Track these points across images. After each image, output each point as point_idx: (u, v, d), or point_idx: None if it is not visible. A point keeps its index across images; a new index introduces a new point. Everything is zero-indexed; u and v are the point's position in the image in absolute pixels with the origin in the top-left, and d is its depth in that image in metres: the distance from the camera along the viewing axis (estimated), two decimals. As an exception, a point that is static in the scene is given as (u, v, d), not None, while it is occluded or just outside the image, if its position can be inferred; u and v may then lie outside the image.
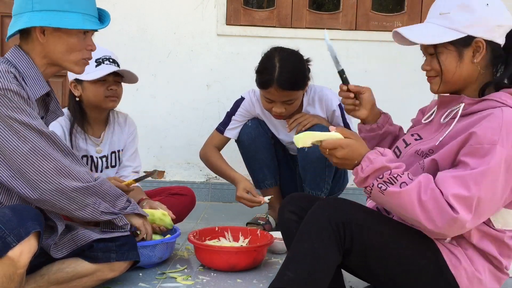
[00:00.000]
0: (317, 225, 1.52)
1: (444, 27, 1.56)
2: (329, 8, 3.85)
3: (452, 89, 1.63)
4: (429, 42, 1.58)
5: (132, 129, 2.56)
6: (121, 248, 1.85)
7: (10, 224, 1.47)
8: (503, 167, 1.44)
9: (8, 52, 1.73)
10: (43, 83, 1.72)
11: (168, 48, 3.50)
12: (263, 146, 2.66)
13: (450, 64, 1.57)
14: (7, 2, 3.58)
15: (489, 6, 1.53)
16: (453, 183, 1.43)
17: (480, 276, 1.55)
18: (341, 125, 2.59)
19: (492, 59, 1.58)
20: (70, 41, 1.71)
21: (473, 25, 1.52)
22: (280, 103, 2.40)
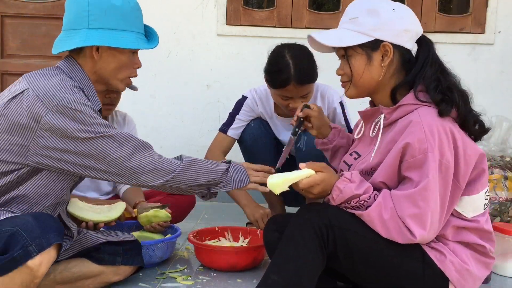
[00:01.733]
0: (300, 228, 1.54)
1: (353, 31, 1.61)
2: (329, 8, 3.85)
3: (364, 93, 1.68)
4: (336, 44, 1.64)
5: (132, 127, 2.56)
6: (127, 252, 1.86)
7: (33, 233, 1.46)
8: (439, 171, 1.50)
9: (62, 62, 1.71)
10: (97, 99, 1.73)
11: (168, 48, 3.50)
12: (265, 147, 2.65)
13: (359, 67, 1.62)
14: (7, 2, 3.59)
15: (396, 11, 1.59)
16: (405, 202, 1.51)
17: (467, 266, 1.57)
18: (342, 123, 2.59)
19: (402, 63, 1.63)
20: (122, 59, 1.72)
21: (379, 29, 1.58)
22: (297, 98, 2.40)
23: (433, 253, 1.57)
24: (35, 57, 3.59)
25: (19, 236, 1.45)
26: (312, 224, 1.53)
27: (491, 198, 2.81)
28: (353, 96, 1.70)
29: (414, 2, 3.46)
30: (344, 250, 1.55)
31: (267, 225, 1.90)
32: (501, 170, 2.87)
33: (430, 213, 1.50)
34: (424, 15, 3.44)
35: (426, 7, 3.44)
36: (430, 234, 1.53)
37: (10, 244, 1.45)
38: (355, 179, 1.56)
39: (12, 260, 1.43)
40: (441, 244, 1.59)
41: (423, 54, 1.63)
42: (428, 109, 1.55)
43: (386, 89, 1.65)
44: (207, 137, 3.14)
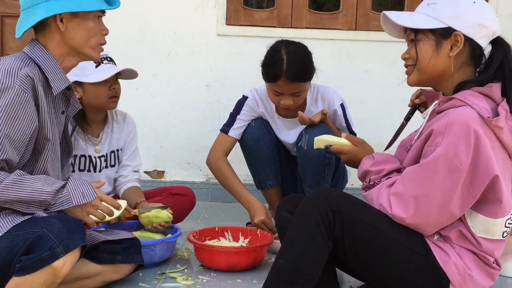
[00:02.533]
0: (307, 213, 1.56)
1: (428, 16, 1.59)
2: (329, 8, 3.85)
3: (427, 81, 1.65)
4: (408, 25, 1.63)
5: (131, 127, 2.55)
6: (126, 250, 1.86)
7: (60, 235, 1.51)
8: (444, 166, 1.49)
9: (27, 46, 1.71)
10: (63, 76, 1.72)
11: (168, 48, 3.50)
12: (266, 147, 2.65)
13: (426, 52, 1.60)
14: (7, 2, 3.59)
15: (476, 4, 1.56)
16: (397, 182, 1.58)
17: (470, 272, 1.56)
18: (343, 125, 2.59)
19: (471, 58, 1.59)
20: (88, 25, 1.72)
21: (455, 17, 1.55)
22: (288, 95, 2.40)
23: (438, 252, 1.57)
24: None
25: (46, 237, 1.49)
26: (319, 209, 1.55)
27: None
28: (414, 83, 1.67)
29: (414, 2, 3.46)
30: (349, 237, 1.56)
31: (281, 204, 1.90)
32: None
33: (413, 198, 1.52)
34: (424, 15, 3.44)
35: (426, 7, 3.44)
36: (414, 220, 1.54)
37: (36, 245, 1.49)
38: (377, 157, 1.72)
39: (40, 260, 1.48)
40: (447, 245, 1.58)
41: (498, 56, 1.58)
42: (471, 112, 1.49)
43: (449, 82, 1.61)
44: (207, 137, 3.14)
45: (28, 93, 1.59)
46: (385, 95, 3.49)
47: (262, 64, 2.43)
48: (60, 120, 1.80)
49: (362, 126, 3.38)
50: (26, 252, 1.50)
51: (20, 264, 1.49)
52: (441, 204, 1.52)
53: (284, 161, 2.76)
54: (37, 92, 1.62)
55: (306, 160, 2.50)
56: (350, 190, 3.20)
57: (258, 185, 2.76)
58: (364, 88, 3.48)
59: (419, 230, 1.57)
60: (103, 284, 1.85)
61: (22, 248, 1.51)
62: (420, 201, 1.52)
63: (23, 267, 1.48)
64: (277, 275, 1.56)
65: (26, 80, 1.59)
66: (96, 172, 2.43)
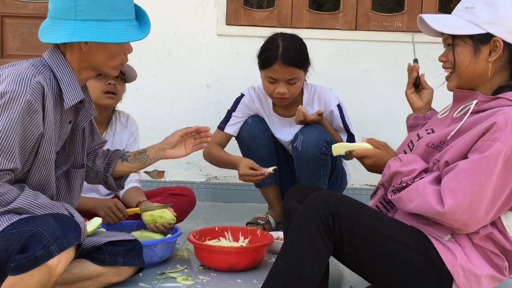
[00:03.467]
0: (307, 216, 1.56)
1: (466, 21, 1.58)
2: (329, 8, 3.85)
3: (466, 85, 1.64)
4: (446, 31, 1.61)
5: (134, 128, 2.56)
6: (128, 253, 1.86)
7: (55, 234, 1.50)
8: (501, 162, 1.46)
9: (47, 52, 1.69)
10: (78, 90, 1.69)
11: (168, 48, 3.49)
12: (264, 144, 2.66)
13: (464, 58, 1.59)
14: (7, 2, 3.59)
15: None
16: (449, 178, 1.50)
17: (477, 272, 1.56)
18: (340, 125, 2.59)
19: (509, 62, 1.58)
20: (112, 49, 1.68)
21: (494, 24, 1.54)
22: (283, 83, 2.41)
23: (445, 253, 1.56)
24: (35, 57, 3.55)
25: (41, 236, 1.49)
26: (318, 212, 1.55)
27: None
28: (454, 87, 1.67)
29: (414, 2, 3.47)
30: (349, 239, 1.56)
31: (291, 192, 1.90)
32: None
33: (470, 194, 1.47)
34: (424, 15, 3.44)
35: (426, 7, 3.44)
36: (465, 216, 1.49)
37: (30, 244, 1.49)
38: (404, 158, 1.64)
39: (34, 259, 1.47)
40: (457, 246, 1.57)
41: None
42: None
43: (487, 84, 1.61)
44: (207, 137, 3.13)
45: (38, 103, 1.57)
46: (385, 95, 3.48)
47: (258, 54, 2.46)
48: (65, 129, 1.77)
49: (362, 126, 3.39)
50: (21, 251, 1.50)
51: (14, 263, 1.48)
52: (492, 201, 1.50)
53: (282, 159, 2.76)
54: (45, 101, 1.60)
55: (301, 161, 2.50)
56: (351, 190, 3.22)
57: (256, 184, 2.76)
58: (364, 88, 3.48)
59: (462, 227, 1.53)
60: (103, 285, 1.85)
61: (17, 247, 1.50)
62: (474, 196, 1.48)
63: (18, 266, 1.48)
64: (276, 277, 1.57)
65: (38, 88, 1.57)
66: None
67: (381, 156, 1.73)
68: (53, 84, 1.65)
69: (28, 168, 1.66)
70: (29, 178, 1.68)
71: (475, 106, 1.59)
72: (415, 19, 3.45)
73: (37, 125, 1.59)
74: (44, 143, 1.64)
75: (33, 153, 1.64)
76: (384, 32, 3.45)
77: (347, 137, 2.59)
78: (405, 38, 3.44)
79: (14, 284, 1.49)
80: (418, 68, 1.95)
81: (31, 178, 1.68)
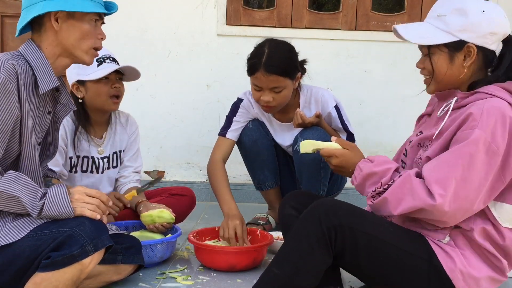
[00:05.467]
0: (308, 226, 1.55)
1: (439, 29, 1.60)
2: (329, 8, 3.85)
3: (444, 89, 1.67)
4: (421, 42, 1.63)
5: (134, 128, 2.56)
6: (127, 251, 1.87)
7: (91, 234, 1.57)
8: (482, 149, 1.47)
9: (22, 45, 1.73)
10: (53, 77, 1.72)
11: (168, 48, 3.50)
12: (265, 148, 2.65)
13: (441, 66, 1.62)
14: (7, 2, 3.59)
15: (485, 13, 1.56)
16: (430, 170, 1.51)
17: (476, 274, 1.56)
18: (339, 126, 2.59)
19: (484, 63, 1.62)
20: (84, 27, 1.71)
21: (466, 30, 1.56)
22: (267, 91, 2.39)
23: (444, 258, 1.56)
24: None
25: (78, 236, 1.55)
26: (320, 223, 1.53)
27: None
28: (433, 92, 1.70)
29: (414, 2, 3.47)
30: (352, 250, 1.55)
31: (285, 199, 1.90)
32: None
33: (454, 181, 1.47)
34: (424, 15, 3.41)
35: (426, 7, 3.44)
36: (453, 206, 1.48)
37: (66, 243, 1.55)
38: (376, 159, 1.64)
39: (71, 257, 1.54)
40: (456, 250, 1.57)
41: (509, 54, 1.61)
42: (501, 101, 1.51)
43: (465, 85, 1.64)
44: (207, 137, 3.14)
45: (13, 84, 1.59)
46: (385, 95, 3.49)
47: (247, 59, 2.46)
48: (45, 120, 1.79)
49: (362, 126, 3.39)
50: (54, 249, 1.55)
51: (49, 260, 1.53)
52: (478, 189, 1.49)
53: (282, 161, 2.76)
54: (19, 83, 1.62)
55: (301, 163, 2.49)
56: (350, 190, 3.22)
57: (257, 186, 2.76)
58: (364, 88, 3.48)
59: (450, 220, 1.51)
60: (103, 284, 1.86)
61: (50, 245, 1.55)
62: (459, 184, 1.47)
63: (53, 262, 1.53)
64: (268, 284, 1.57)
65: (12, 71, 1.60)
66: (98, 173, 2.44)
67: (349, 157, 1.70)
68: (29, 72, 1.68)
69: (16, 156, 1.68)
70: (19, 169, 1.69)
71: (456, 104, 1.61)
72: (415, 19, 3.49)
73: (13, 106, 1.59)
74: (25, 128, 1.65)
75: (16, 139, 1.65)
76: (384, 32, 3.45)
77: (346, 136, 2.59)
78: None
79: (45, 279, 1.54)
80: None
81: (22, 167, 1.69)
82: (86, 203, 1.62)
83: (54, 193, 1.59)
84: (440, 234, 1.58)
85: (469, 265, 1.56)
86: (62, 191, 1.60)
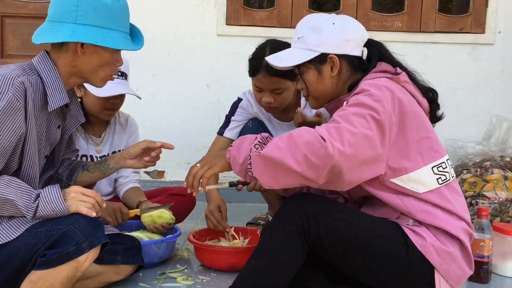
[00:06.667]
0: (282, 218, 1.59)
1: (301, 49, 1.74)
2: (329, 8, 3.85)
3: (325, 101, 1.77)
4: (286, 65, 1.76)
5: (134, 129, 2.56)
6: (127, 251, 1.87)
7: (86, 231, 1.56)
8: (368, 109, 1.51)
9: (36, 57, 1.71)
10: (63, 95, 1.70)
11: (168, 48, 3.50)
12: (264, 147, 2.65)
13: (312, 81, 1.74)
14: (7, 2, 3.59)
15: (335, 25, 1.71)
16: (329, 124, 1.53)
17: (447, 249, 1.57)
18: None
19: (352, 68, 1.73)
20: (105, 56, 1.70)
21: (323, 43, 1.70)
22: (268, 92, 2.39)
23: (415, 237, 1.58)
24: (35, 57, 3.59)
25: (73, 233, 1.55)
26: (292, 213, 1.57)
27: (490, 198, 2.81)
28: (317, 107, 1.81)
29: (414, 2, 3.47)
30: (328, 238, 1.57)
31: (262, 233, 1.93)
32: (501, 170, 2.87)
33: (347, 131, 1.45)
34: (424, 15, 3.45)
35: (426, 7, 3.44)
36: (350, 150, 1.44)
37: (61, 241, 1.54)
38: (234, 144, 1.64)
39: (66, 255, 1.53)
40: (423, 228, 1.59)
41: (375, 57, 1.74)
42: (380, 79, 1.62)
43: (344, 91, 1.74)
44: (207, 137, 3.13)
45: (20, 102, 1.58)
46: (385, 95, 3.48)
47: (248, 60, 2.45)
48: (55, 134, 1.78)
49: (362, 126, 3.38)
50: (50, 247, 1.55)
51: (44, 258, 1.53)
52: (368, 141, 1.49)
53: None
54: (27, 101, 1.61)
55: None
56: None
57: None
58: (364, 88, 3.48)
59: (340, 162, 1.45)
60: (103, 284, 1.86)
61: (46, 244, 1.55)
62: (351, 134, 1.46)
63: (48, 260, 1.53)
64: (246, 277, 1.60)
65: (20, 88, 1.58)
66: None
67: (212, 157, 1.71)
68: (39, 87, 1.67)
69: (14, 171, 1.67)
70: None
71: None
72: (415, 19, 3.49)
73: (19, 124, 1.59)
74: (27, 145, 1.65)
75: (17, 154, 1.64)
76: (384, 32, 3.45)
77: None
78: (405, 38, 3.45)
79: (41, 278, 1.54)
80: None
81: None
82: (81, 201, 1.62)
83: (48, 193, 1.59)
84: (404, 219, 1.62)
85: (438, 239, 1.58)
86: (55, 190, 1.60)
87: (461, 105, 3.51)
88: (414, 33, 3.45)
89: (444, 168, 1.62)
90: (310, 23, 1.73)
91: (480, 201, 2.82)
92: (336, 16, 1.75)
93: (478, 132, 3.26)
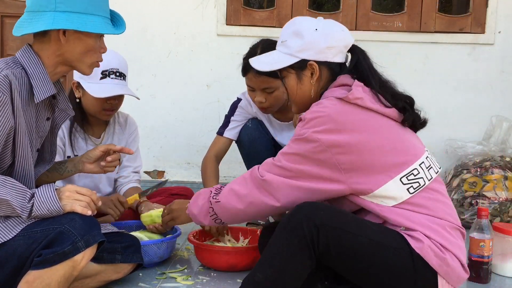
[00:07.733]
0: (290, 229, 1.54)
1: (284, 54, 1.73)
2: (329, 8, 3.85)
3: (305, 107, 1.73)
4: (267, 69, 1.76)
5: (133, 129, 2.55)
6: (126, 250, 1.87)
7: (81, 230, 1.56)
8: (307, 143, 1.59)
9: (19, 51, 1.71)
10: (49, 85, 1.70)
11: (168, 48, 3.50)
12: (264, 147, 2.65)
13: (292, 86, 1.74)
14: (7, 2, 3.59)
15: (318, 31, 1.68)
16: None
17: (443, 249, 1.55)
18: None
19: (332, 75, 1.71)
20: (89, 42, 1.70)
21: (304, 50, 1.68)
22: (260, 92, 2.40)
23: (413, 242, 1.56)
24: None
25: (68, 233, 1.55)
26: (301, 224, 1.52)
27: (490, 198, 2.81)
28: (297, 112, 1.80)
29: (414, 2, 3.47)
30: (337, 249, 1.54)
31: (262, 233, 1.97)
32: (501, 170, 2.87)
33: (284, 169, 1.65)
34: (424, 15, 3.44)
35: (426, 7, 3.44)
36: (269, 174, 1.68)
37: (57, 240, 1.54)
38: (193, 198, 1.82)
39: (62, 254, 1.53)
40: (418, 232, 1.57)
41: (359, 61, 1.73)
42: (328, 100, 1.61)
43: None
44: (207, 137, 3.13)
45: (6, 96, 1.58)
46: (385, 95, 3.48)
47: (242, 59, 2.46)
48: (44, 127, 1.78)
49: (362, 126, 3.38)
50: (46, 247, 1.54)
51: (40, 257, 1.53)
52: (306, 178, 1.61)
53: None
54: (13, 94, 1.60)
55: None
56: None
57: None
58: (364, 88, 3.48)
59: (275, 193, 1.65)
60: (102, 283, 1.86)
61: (42, 243, 1.54)
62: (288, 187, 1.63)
63: (45, 260, 1.53)
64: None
65: (5, 81, 1.58)
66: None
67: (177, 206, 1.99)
68: (24, 80, 1.66)
69: (8, 166, 1.67)
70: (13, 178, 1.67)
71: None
72: (415, 19, 3.49)
73: (7, 117, 1.59)
74: (18, 138, 1.65)
75: (9, 148, 1.64)
76: (384, 32, 3.45)
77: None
78: (405, 38, 3.45)
79: (37, 277, 1.54)
80: None
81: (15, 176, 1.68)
82: (76, 200, 1.62)
83: (42, 192, 1.59)
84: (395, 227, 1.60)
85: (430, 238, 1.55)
86: (49, 189, 1.60)
87: (461, 105, 3.51)
88: (414, 33, 3.45)
89: (416, 175, 1.58)
90: (294, 27, 1.72)
91: (480, 201, 2.82)
92: (320, 21, 1.72)
93: (478, 132, 3.26)
